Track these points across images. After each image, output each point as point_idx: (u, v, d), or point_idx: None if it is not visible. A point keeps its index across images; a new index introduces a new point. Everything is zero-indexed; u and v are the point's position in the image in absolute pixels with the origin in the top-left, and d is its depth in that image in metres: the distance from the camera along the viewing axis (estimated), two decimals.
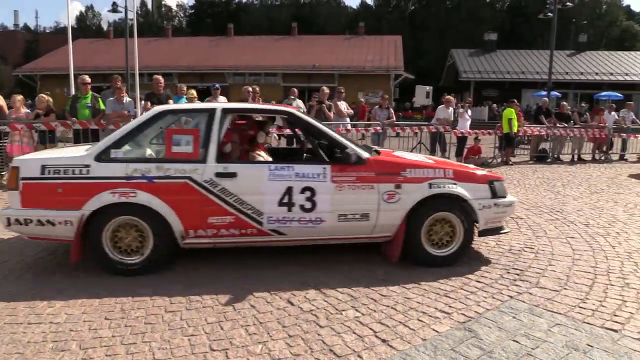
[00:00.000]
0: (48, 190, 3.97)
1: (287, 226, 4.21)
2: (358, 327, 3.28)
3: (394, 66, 29.74)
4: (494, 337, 3.17)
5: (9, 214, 4.01)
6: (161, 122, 4.38)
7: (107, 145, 4.13)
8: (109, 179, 3.99)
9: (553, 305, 3.66)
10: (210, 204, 4.07)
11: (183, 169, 4.05)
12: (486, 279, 4.17)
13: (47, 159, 4.09)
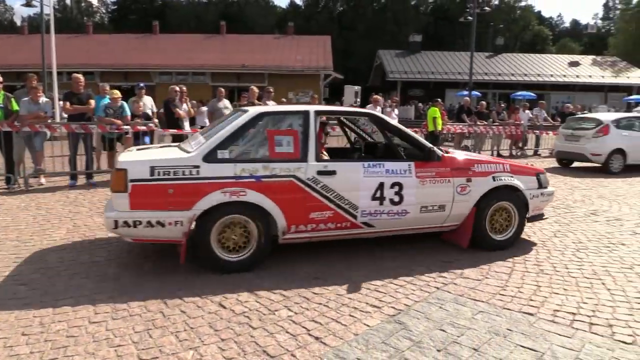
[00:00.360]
0: (158, 191, 3.95)
1: (377, 219, 4.53)
2: (291, 326, 3.29)
3: (324, 66, 30.03)
4: (422, 327, 3.28)
5: (117, 217, 3.95)
6: (260, 124, 4.41)
7: (214, 146, 4.15)
8: (219, 179, 4.05)
9: (476, 294, 3.85)
10: (312, 200, 4.27)
11: (288, 168, 4.22)
12: (414, 272, 4.32)
13: (155, 160, 4.05)
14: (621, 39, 47.10)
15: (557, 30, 71.91)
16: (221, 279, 4.09)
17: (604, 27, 61.27)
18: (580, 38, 62.54)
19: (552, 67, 37.93)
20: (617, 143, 11.20)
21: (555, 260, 4.69)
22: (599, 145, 11.32)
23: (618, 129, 11.48)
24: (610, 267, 4.53)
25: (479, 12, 25.24)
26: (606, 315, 3.50)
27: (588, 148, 11.41)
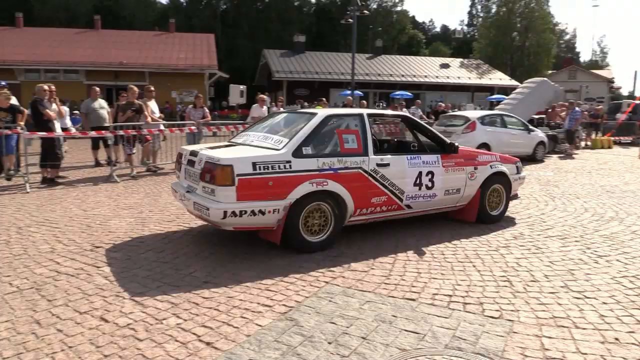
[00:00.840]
0: (260, 184, 4.43)
1: (415, 201, 5.47)
2: (180, 334, 3.17)
3: (208, 65, 29.35)
4: (313, 322, 3.35)
5: (226, 208, 4.35)
6: (329, 124, 5.07)
7: (299, 143, 4.73)
8: (306, 172, 4.64)
9: (363, 285, 4.01)
10: (373, 188, 5.08)
11: (355, 161, 4.97)
12: (304, 268, 4.38)
13: (255, 157, 4.53)
14: (483, 44, 51.86)
15: (430, 34, 77.24)
16: (100, 292, 3.83)
17: (469, 32, 66.90)
18: (450, 42, 67.79)
19: (426, 69, 40.68)
20: (482, 138, 12.33)
21: (433, 248, 5.05)
22: (468, 140, 12.34)
23: (483, 125, 12.66)
24: (480, 250, 4.97)
25: (359, 14, 26.25)
26: (477, 294, 3.84)
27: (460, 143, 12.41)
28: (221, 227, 4.59)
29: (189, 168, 4.96)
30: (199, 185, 4.69)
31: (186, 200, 4.86)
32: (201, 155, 4.76)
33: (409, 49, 55.56)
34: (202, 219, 4.81)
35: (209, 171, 4.50)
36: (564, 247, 5.17)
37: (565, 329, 3.26)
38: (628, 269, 4.49)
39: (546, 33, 51.62)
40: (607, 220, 6.46)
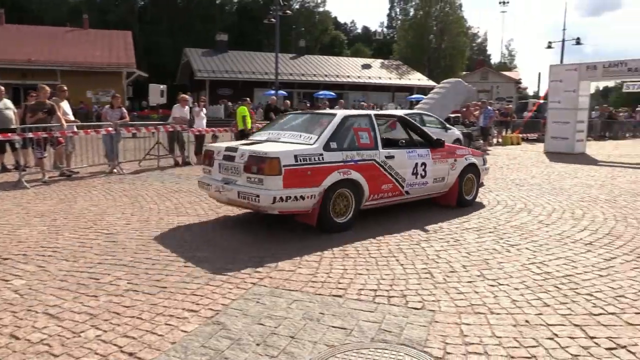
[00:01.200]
0: (301, 173, 5.14)
1: (413, 188, 6.40)
2: (100, 346, 3.01)
3: (126, 63, 28.12)
4: (241, 324, 3.30)
5: (275, 194, 5.00)
6: (347, 123, 5.85)
7: (327, 139, 5.49)
8: (335, 163, 5.43)
9: (290, 284, 4.01)
10: (383, 176, 5.95)
11: (370, 154, 5.80)
12: (230, 270, 4.32)
13: (296, 150, 5.22)
14: (402, 45, 53.74)
15: (351, 35, 78.75)
16: (9, 307, 3.55)
17: (389, 34, 68.99)
18: (371, 43, 69.53)
19: (348, 69, 41.45)
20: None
21: (358, 245, 5.16)
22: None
23: None
24: (402, 245, 5.15)
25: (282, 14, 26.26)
26: (401, 287, 3.97)
27: None
28: (267, 212, 5.26)
29: (226, 162, 5.59)
30: (242, 176, 5.32)
31: (226, 191, 5.44)
32: (242, 150, 5.41)
33: (331, 50, 56.36)
34: (247, 206, 5.47)
35: (256, 163, 5.16)
36: (480, 238, 5.47)
37: (482, 315, 3.45)
38: (536, 256, 4.83)
39: (460, 36, 54.45)
40: (517, 211, 6.91)
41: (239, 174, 5.37)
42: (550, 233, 5.73)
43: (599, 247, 5.14)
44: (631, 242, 5.37)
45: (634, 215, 6.72)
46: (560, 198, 7.95)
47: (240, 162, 5.34)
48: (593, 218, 6.52)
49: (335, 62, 42.80)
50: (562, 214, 6.74)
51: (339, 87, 37.67)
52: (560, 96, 16.65)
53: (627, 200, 7.81)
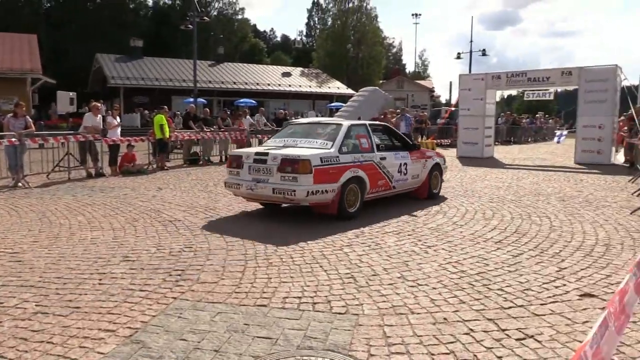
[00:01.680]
0: (325, 172, 6.31)
1: (398, 183, 7.67)
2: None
3: (30, 69, 26.22)
4: (162, 341, 3.17)
5: (308, 189, 6.18)
6: (352, 131, 7.12)
7: (340, 144, 6.69)
8: (347, 163, 6.61)
9: (213, 297, 3.92)
10: (379, 174, 7.16)
11: (369, 156, 7.02)
12: (150, 286, 4.14)
13: (321, 153, 6.40)
14: (321, 54, 54.61)
15: (271, 43, 78.89)
16: None
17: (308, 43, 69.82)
18: (290, 52, 70.00)
19: (269, 77, 41.42)
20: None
21: (282, 252, 5.14)
22: None
23: None
24: (325, 251, 5.20)
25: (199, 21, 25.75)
26: (325, 293, 4.00)
27: None
28: (300, 204, 6.52)
29: (257, 165, 6.63)
30: (275, 176, 6.37)
31: (259, 189, 6.47)
32: (273, 154, 6.49)
33: (251, 57, 56.05)
34: (280, 200, 6.54)
35: (290, 164, 6.26)
36: (399, 241, 5.66)
37: (403, 316, 3.56)
38: (452, 255, 5.07)
39: (376, 46, 56.28)
40: (433, 214, 7.22)
41: (272, 174, 6.42)
42: (464, 233, 6.04)
43: (508, 245, 5.49)
44: (535, 238, 5.79)
45: (536, 213, 7.25)
46: (472, 200, 8.42)
47: (274, 164, 6.39)
48: (502, 217, 6.96)
49: (256, 70, 42.63)
50: (474, 215, 7.13)
51: (259, 95, 37.51)
52: (470, 104, 17.68)
53: (531, 200, 8.42)
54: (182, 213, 7.21)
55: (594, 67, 15.52)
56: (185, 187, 9.88)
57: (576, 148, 15.75)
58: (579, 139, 15.69)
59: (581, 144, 15.52)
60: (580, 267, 4.67)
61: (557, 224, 6.54)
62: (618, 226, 6.43)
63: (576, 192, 9.35)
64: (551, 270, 4.57)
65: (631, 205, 7.82)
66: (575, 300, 3.84)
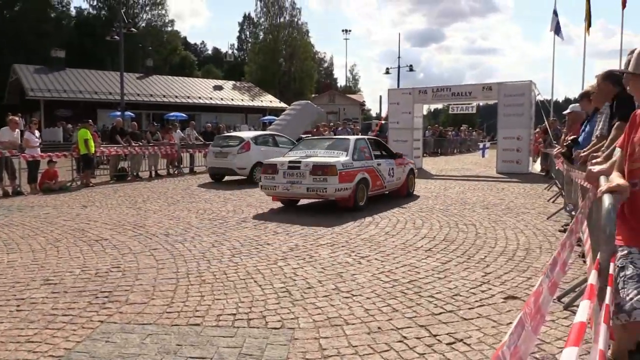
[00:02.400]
0: (346, 174, 8.19)
1: (388, 183, 9.50)
2: None
3: None
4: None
5: (335, 187, 8.03)
6: (357, 143, 9.11)
7: (352, 153, 8.63)
8: (358, 168, 8.51)
9: (143, 318, 3.75)
10: (377, 177, 9.01)
11: (370, 162, 8.94)
12: (74, 310, 3.90)
13: (342, 160, 8.35)
14: (253, 68, 54.51)
15: (202, 56, 77.73)
16: None
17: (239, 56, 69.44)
18: (222, 65, 69.29)
19: (200, 90, 40.74)
20: (257, 157, 12.89)
21: (215, 269, 5.03)
22: (243, 159, 12.79)
23: (257, 145, 13.25)
24: (260, 265, 5.14)
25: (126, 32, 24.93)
26: (260, 308, 3.95)
27: (235, 163, 12.76)
28: (329, 198, 8.33)
29: (291, 170, 8.31)
30: (308, 178, 8.14)
31: (294, 188, 8.25)
32: (305, 162, 8.29)
33: (181, 70, 54.97)
34: (312, 196, 8.46)
35: (321, 169, 8.10)
36: (333, 252, 5.70)
37: (339, 327, 3.57)
38: (384, 265, 5.17)
39: (308, 60, 57.03)
40: (366, 225, 7.35)
41: (304, 177, 8.20)
42: (395, 243, 6.19)
43: (437, 253, 5.69)
44: (462, 245, 6.03)
45: (463, 221, 7.57)
46: (403, 210, 8.66)
47: (306, 169, 8.18)
48: (431, 226, 7.20)
49: (186, 83, 41.78)
50: (405, 225, 7.34)
51: (190, 108, 36.77)
52: (399, 117, 18.27)
53: (458, 209, 8.79)
54: (109, 231, 6.88)
55: (511, 83, 16.57)
56: (112, 204, 9.45)
57: (497, 158, 16.67)
58: (499, 150, 16.63)
59: (502, 154, 16.46)
60: (503, 271, 4.91)
61: (482, 231, 6.86)
62: (537, 231, 6.84)
63: (498, 200, 9.88)
64: (478, 276, 4.77)
65: (547, 211, 8.35)
66: (500, 303, 4.03)
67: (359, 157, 8.80)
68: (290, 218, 7.87)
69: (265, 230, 6.99)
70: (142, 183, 13.12)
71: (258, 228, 7.12)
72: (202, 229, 7.02)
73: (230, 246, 5.99)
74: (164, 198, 10.20)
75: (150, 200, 9.94)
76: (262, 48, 55.30)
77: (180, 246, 5.98)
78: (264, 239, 6.43)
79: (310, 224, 7.36)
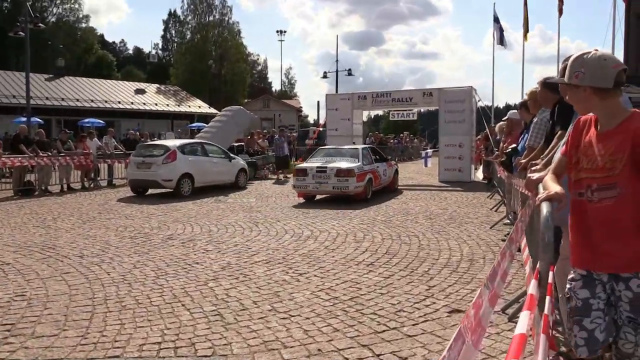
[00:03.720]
0: (360, 175, 11.51)
1: (382, 181, 13.04)
2: None
3: None
4: None
5: (355, 185, 11.30)
6: (364, 150, 12.74)
7: (361, 159, 11.95)
8: (366, 170, 11.92)
9: (53, 353, 3.55)
10: (377, 176, 12.56)
11: (372, 166, 12.45)
12: None
13: (356, 165, 11.60)
14: (180, 70, 53.52)
15: (122, 56, 75.39)
16: None
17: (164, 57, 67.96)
18: (144, 66, 67.50)
19: (119, 94, 39.48)
20: (184, 168, 12.63)
21: (137, 293, 4.85)
22: (169, 170, 12.48)
23: (184, 155, 12.98)
24: (188, 287, 5.02)
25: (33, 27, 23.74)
26: (188, 335, 3.84)
27: (159, 174, 12.41)
28: (349, 194, 11.41)
29: (319, 173, 11.44)
30: (333, 179, 11.28)
31: (322, 187, 11.48)
32: (331, 167, 11.43)
33: (98, 71, 52.95)
34: (336, 193, 11.52)
35: (343, 172, 11.24)
36: (269, 270, 5.67)
37: (276, 351, 3.54)
38: (324, 282, 5.19)
39: (240, 63, 56.71)
40: (304, 239, 7.37)
41: (330, 178, 11.34)
42: (335, 258, 6.24)
43: (379, 267, 5.79)
44: (405, 258, 6.18)
45: (406, 233, 7.76)
46: (343, 222, 8.77)
47: (332, 172, 11.33)
48: (372, 239, 7.33)
49: (104, 86, 40.35)
50: (346, 238, 7.43)
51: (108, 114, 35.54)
52: (337, 124, 18.56)
53: (400, 220, 9.01)
54: (12, 254, 6.47)
55: (452, 89, 17.28)
56: (16, 223, 8.91)
57: (440, 167, 17.28)
58: (442, 158, 17.25)
59: (444, 162, 17.08)
60: (447, 284, 5.07)
61: (425, 243, 7.06)
62: (480, 241, 7.13)
63: (441, 210, 10.22)
64: (421, 290, 4.90)
65: (490, 220, 8.73)
66: (445, 318, 4.15)
67: (366, 162, 12.18)
68: (221, 234, 7.76)
69: (194, 248, 6.84)
70: (52, 198, 12.47)
71: (186, 246, 6.95)
72: (123, 249, 6.76)
73: (155, 267, 5.81)
74: (78, 215, 9.76)
75: (62, 217, 9.46)
76: (190, 48, 54.42)
77: (96, 269, 5.72)
78: (192, 257, 6.28)
79: (244, 240, 7.28)
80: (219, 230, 8.15)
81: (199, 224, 8.65)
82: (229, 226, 8.44)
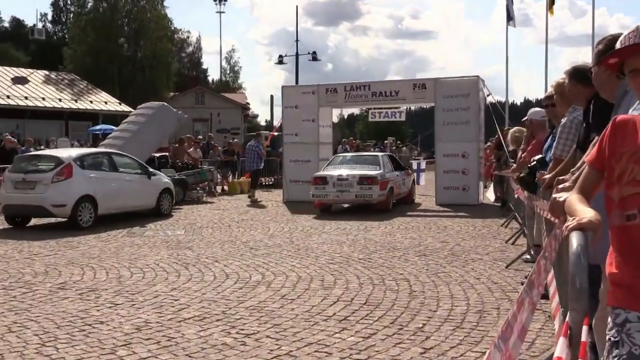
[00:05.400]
0: (382, 183, 15.93)
1: (401, 190, 17.78)
2: None
3: None
4: None
5: (378, 193, 15.49)
6: (381, 158, 18.02)
7: (383, 167, 16.58)
8: (388, 179, 16.36)
9: None
10: (397, 185, 17.28)
11: (393, 174, 17.09)
12: None
13: (379, 173, 16.00)
14: (79, 51, 52.93)
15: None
16: None
17: (56, 32, 67.22)
18: (26, 45, 66.52)
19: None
20: (84, 188, 12.42)
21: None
22: (62, 192, 12.24)
23: (84, 170, 12.75)
24: (88, 359, 4.91)
25: None
26: None
27: (48, 197, 12.15)
28: (372, 203, 15.62)
29: (340, 182, 15.35)
30: (355, 187, 15.28)
31: (344, 195, 15.48)
32: (352, 175, 15.53)
33: None
34: (358, 202, 15.82)
35: (366, 180, 15.36)
36: (203, 331, 5.61)
37: None
38: (280, 345, 5.16)
39: (164, 42, 56.49)
40: (252, 286, 7.34)
41: (352, 186, 15.14)
42: (296, 311, 6.22)
43: (356, 323, 5.79)
44: (391, 310, 6.20)
45: (392, 275, 7.82)
46: (307, 262, 8.77)
47: (354, 180, 15.16)
48: (347, 284, 7.35)
49: None
50: (310, 283, 7.42)
51: None
52: (298, 127, 18.65)
53: (384, 257, 9.07)
54: None
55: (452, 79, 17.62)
56: None
57: (437, 184, 17.52)
58: (439, 172, 17.49)
59: (442, 178, 17.37)
60: (449, 345, 5.11)
61: (419, 288, 7.11)
62: (492, 285, 7.23)
63: (440, 244, 10.34)
64: (414, 353, 4.92)
65: (506, 257, 8.87)
66: None
67: (387, 169, 15.97)
68: (135, 281, 7.64)
69: (97, 300, 6.72)
70: None
71: (85, 298, 6.83)
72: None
73: (40, 329, 5.68)
74: None
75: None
76: (92, 22, 53.98)
77: None
78: (94, 314, 6.17)
79: (169, 289, 7.20)
80: (132, 275, 8.05)
81: (104, 267, 8.53)
82: (146, 269, 8.34)
